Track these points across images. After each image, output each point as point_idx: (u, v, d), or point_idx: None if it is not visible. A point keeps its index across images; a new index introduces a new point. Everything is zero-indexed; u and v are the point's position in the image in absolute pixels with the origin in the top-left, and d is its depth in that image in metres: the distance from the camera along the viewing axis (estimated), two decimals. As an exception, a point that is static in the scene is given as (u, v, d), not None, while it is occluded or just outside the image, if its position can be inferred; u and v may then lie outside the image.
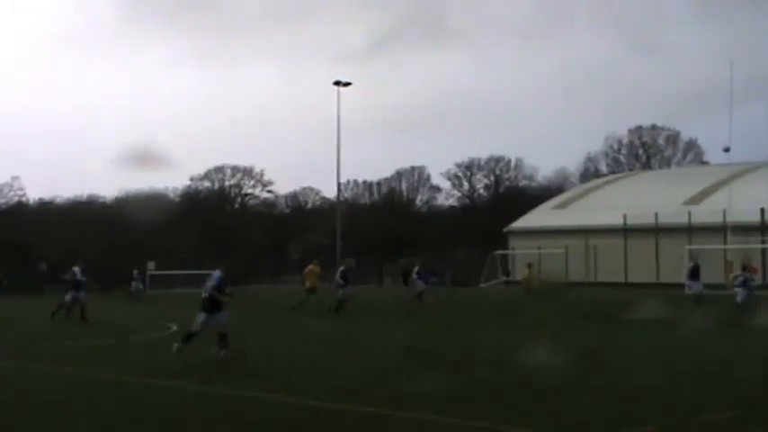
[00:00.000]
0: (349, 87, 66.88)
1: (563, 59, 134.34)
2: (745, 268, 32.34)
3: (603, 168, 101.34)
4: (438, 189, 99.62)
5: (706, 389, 13.82)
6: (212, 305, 17.19)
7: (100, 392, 13.98)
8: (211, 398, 13.22)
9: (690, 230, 60.70)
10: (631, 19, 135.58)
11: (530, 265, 35.38)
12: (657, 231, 62.38)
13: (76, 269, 28.42)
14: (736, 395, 13.11)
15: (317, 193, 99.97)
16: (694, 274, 32.87)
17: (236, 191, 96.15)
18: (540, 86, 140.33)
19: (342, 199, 79.96)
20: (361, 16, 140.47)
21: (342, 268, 32.83)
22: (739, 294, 29.99)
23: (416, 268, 38.46)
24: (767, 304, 28.89)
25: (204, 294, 17.34)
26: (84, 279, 28.59)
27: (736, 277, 31.63)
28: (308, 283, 31.12)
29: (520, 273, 57.41)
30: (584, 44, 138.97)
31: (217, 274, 17.40)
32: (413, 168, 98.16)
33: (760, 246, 57.39)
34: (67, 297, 28.45)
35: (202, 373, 15.85)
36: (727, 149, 59.23)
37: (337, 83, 66.59)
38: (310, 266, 31.62)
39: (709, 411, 11.78)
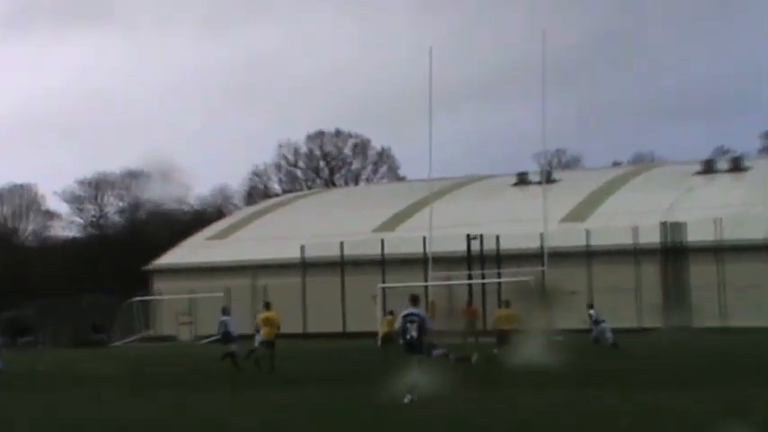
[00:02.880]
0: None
1: (227, 55, 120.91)
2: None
3: (276, 186, 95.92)
4: (54, 215, 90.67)
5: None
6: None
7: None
8: None
9: (383, 263, 55.83)
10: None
11: (391, 313, 33.47)
12: (343, 266, 57.50)
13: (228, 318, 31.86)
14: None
15: None
16: None
17: None
18: (197, 84, 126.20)
19: None
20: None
21: None
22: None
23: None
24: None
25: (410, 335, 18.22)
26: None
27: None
28: (263, 332, 29.14)
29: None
30: (250, 38, 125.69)
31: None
32: (17, 187, 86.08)
33: (466, 281, 52.17)
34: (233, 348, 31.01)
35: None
36: None
37: None
38: (264, 313, 29.58)
39: None
